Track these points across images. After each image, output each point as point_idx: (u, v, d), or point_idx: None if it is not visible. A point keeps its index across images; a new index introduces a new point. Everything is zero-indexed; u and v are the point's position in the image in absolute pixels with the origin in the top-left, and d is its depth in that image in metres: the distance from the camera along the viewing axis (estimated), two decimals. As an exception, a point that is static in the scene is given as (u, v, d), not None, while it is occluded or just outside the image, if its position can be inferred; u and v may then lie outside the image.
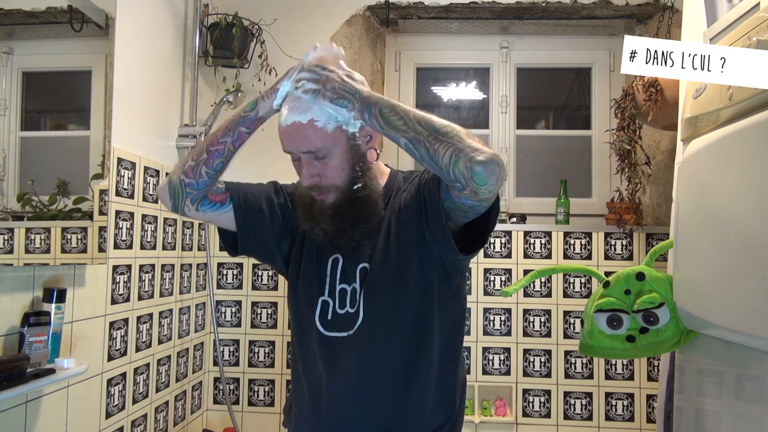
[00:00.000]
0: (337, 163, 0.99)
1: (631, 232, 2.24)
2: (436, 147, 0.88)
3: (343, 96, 0.93)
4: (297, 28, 2.35)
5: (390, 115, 0.91)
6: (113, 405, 1.68)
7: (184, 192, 1.03)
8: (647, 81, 1.82)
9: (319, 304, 1.05)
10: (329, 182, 1.00)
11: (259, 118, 1.03)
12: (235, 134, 1.03)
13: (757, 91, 0.95)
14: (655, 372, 2.22)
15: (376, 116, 0.92)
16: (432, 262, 1.01)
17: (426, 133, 0.89)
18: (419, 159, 0.91)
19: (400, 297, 1.01)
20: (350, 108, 0.93)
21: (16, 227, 1.28)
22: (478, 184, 0.86)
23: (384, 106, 0.92)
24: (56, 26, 1.40)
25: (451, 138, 0.88)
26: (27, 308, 1.30)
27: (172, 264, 2.03)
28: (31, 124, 1.36)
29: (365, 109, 0.93)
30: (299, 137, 0.97)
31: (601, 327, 1.25)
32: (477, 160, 0.85)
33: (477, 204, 0.92)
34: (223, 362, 2.34)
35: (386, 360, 1.01)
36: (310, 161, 0.99)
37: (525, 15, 2.40)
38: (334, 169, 0.99)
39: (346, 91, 0.94)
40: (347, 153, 1.00)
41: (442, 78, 2.66)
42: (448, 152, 0.87)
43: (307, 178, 1.00)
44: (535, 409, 2.26)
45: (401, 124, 0.91)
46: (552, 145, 2.57)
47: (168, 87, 2.03)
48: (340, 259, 1.06)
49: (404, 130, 0.90)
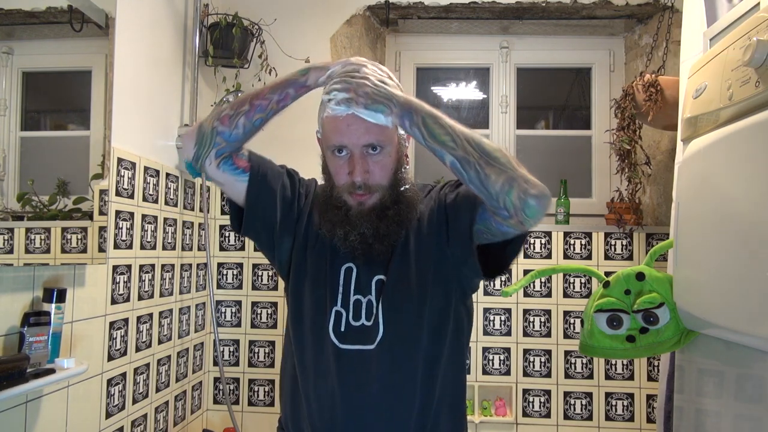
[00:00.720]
0: (388, 162, 0.96)
1: (631, 232, 2.24)
2: (487, 171, 0.86)
3: (379, 101, 0.89)
4: (297, 28, 2.35)
5: (435, 128, 0.88)
6: (113, 405, 1.68)
7: (213, 141, 0.98)
8: (647, 81, 1.83)
9: (333, 314, 1.00)
10: (377, 181, 0.96)
11: (307, 85, 0.98)
12: (283, 94, 0.98)
13: (757, 91, 0.95)
14: (655, 372, 2.22)
15: (419, 126, 0.88)
16: (450, 279, 1.01)
17: (477, 154, 0.87)
18: (467, 180, 0.88)
19: (420, 312, 0.99)
20: (387, 113, 0.89)
21: (16, 227, 1.28)
22: (528, 217, 0.86)
23: (427, 116, 0.88)
24: (56, 26, 1.40)
25: (503, 165, 0.87)
26: (27, 308, 1.30)
27: (172, 264, 2.03)
28: (31, 124, 1.36)
29: (405, 115, 0.89)
30: (361, 128, 0.92)
31: (601, 327, 1.25)
32: (531, 193, 0.86)
33: (513, 231, 0.92)
34: (223, 362, 2.34)
35: (407, 375, 0.99)
36: (364, 156, 0.94)
37: (525, 15, 2.40)
38: (385, 167, 0.96)
39: (381, 95, 0.89)
40: (396, 153, 0.98)
41: (442, 78, 2.66)
42: (501, 179, 0.86)
43: (360, 174, 0.94)
44: (535, 409, 2.26)
45: (449, 140, 0.87)
46: (552, 145, 2.57)
47: (168, 87, 2.03)
48: (353, 268, 1.02)
49: (452, 147, 0.87)
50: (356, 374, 0.98)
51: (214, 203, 2.37)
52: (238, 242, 2.37)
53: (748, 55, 0.94)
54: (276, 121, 1.04)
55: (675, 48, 2.19)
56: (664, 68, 2.22)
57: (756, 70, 0.95)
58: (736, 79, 1.01)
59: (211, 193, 2.34)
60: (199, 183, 2.21)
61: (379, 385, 0.98)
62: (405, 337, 0.99)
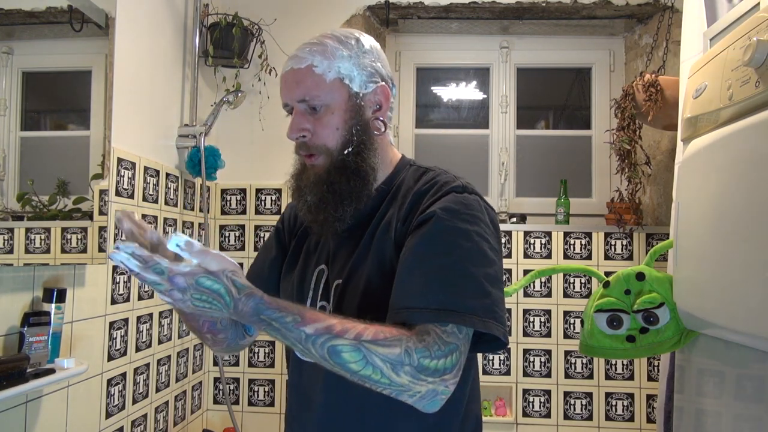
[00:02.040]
0: (331, 120, 0.86)
1: (631, 232, 2.24)
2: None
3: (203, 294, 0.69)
4: (297, 28, 2.35)
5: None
6: (113, 405, 1.68)
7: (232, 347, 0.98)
8: (647, 81, 1.83)
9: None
10: (320, 141, 0.86)
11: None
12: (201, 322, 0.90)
13: (757, 91, 0.95)
14: (655, 372, 2.22)
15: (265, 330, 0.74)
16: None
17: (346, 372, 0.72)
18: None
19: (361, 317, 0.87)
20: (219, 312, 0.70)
21: (16, 227, 1.28)
22: (429, 411, 0.74)
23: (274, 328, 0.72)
24: (56, 26, 1.40)
25: (375, 382, 0.71)
26: (27, 308, 1.30)
27: (172, 264, 2.02)
28: (31, 124, 1.36)
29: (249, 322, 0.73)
30: (293, 83, 0.86)
31: (601, 327, 1.25)
32: (420, 404, 0.73)
33: None
34: (223, 362, 2.34)
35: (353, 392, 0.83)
36: (302, 113, 0.86)
37: (525, 15, 2.40)
38: (328, 126, 0.86)
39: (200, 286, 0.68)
40: (346, 112, 0.87)
41: (442, 78, 2.66)
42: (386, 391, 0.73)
43: (294, 131, 0.86)
44: (535, 409, 2.26)
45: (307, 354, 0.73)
46: (552, 145, 2.57)
47: (168, 87, 2.03)
48: (324, 271, 0.92)
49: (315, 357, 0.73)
50: (309, 374, 0.91)
51: (214, 203, 2.37)
52: (238, 242, 2.37)
53: (748, 55, 0.94)
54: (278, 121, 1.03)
55: (675, 48, 2.19)
56: (664, 68, 2.22)
57: (756, 70, 0.95)
58: (736, 79, 1.01)
59: (211, 193, 2.34)
60: (199, 183, 2.21)
61: (324, 384, 0.88)
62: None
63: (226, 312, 0.70)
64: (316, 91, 0.85)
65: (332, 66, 0.85)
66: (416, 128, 2.60)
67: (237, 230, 2.37)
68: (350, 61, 0.86)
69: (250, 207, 2.37)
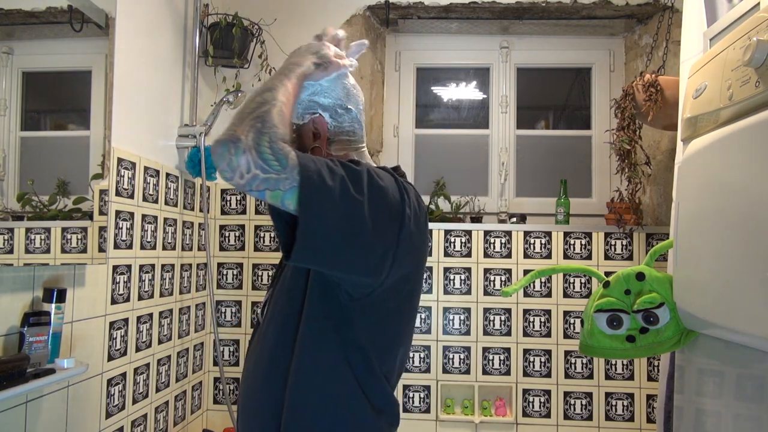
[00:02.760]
0: None
1: (631, 232, 2.24)
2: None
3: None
4: (297, 28, 2.35)
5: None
6: (113, 405, 1.68)
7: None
8: (647, 81, 1.82)
9: (267, 294, 1.08)
10: None
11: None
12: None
13: (757, 91, 0.95)
14: (655, 372, 2.22)
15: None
16: (317, 275, 0.93)
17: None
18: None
19: (284, 303, 0.97)
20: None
21: (16, 227, 1.28)
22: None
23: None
24: (56, 26, 1.40)
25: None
26: (27, 308, 1.30)
27: (172, 264, 2.03)
28: (31, 124, 1.36)
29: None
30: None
31: (601, 327, 1.25)
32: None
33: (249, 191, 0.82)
34: (223, 362, 2.34)
35: (266, 361, 0.97)
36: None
37: (525, 15, 2.40)
38: None
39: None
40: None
41: (442, 78, 2.66)
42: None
43: None
44: (535, 409, 2.26)
45: None
46: (552, 145, 2.57)
47: (168, 87, 2.03)
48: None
49: None
50: (253, 352, 1.03)
51: (214, 203, 2.37)
52: (238, 242, 2.37)
53: (748, 55, 0.94)
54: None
55: (675, 48, 2.19)
56: (664, 68, 2.22)
57: (756, 70, 0.95)
58: (736, 79, 1.01)
59: (211, 193, 2.34)
60: (199, 183, 2.21)
61: (251, 363, 1.01)
62: (269, 325, 0.99)
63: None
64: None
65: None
66: (416, 128, 2.60)
67: (237, 230, 2.37)
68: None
69: (250, 207, 2.37)
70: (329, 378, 0.93)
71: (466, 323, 2.29)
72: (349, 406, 0.94)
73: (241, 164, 0.76)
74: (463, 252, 2.30)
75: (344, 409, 0.94)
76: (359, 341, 0.94)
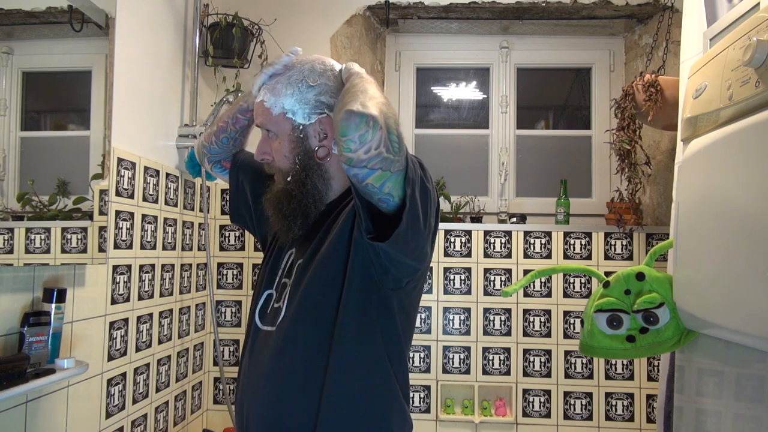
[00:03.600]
0: (281, 147, 1.02)
1: (631, 232, 2.24)
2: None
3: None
4: (297, 28, 2.35)
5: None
6: (113, 405, 1.68)
7: (203, 153, 1.24)
8: (647, 81, 1.82)
9: (264, 296, 1.07)
10: (277, 164, 1.03)
11: (249, 109, 1.14)
12: (234, 118, 1.18)
13: (757, 91, 0.95)
14: (655, 372, 2.22)
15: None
16: (358, 266, 0.93)
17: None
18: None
19: (318, 297, 0.95)
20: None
21: (16, 227, 1.28)
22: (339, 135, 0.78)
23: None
24: (56, 26, 1.40)
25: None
26: (27, 308, 1.30)
27: (172, 264, 2.03)
28: (31, 124, 1.36)
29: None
30: (257, 113, 1.04)
31: (601, 327, 1.25)
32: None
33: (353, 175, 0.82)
34: (223, 362, 2.34)
35: (290, 359, 0.94)
36: (266, 138, 1.04)
37: (525, 15, 2.40)
38: (278, 152, 1.02)
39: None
40: (291, 141, 1.01)
41: (442, 78, 2.66)
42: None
43: (258, 153, 1.05)
44: (535, 409, 2.26)
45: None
46: (552, 145, 2.57)
47: (168, 87, 2.03)
48: (293, 253, 1.06)
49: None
50: (261, 354, 1.00)
51: (214, 203, 2.37)
52: (238, 242, 2.37)
53: (748, 55, 0.94)
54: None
55: (675, 48, 2.19)
56: (664, 68, 2.22)
57: (756, 70, 0.95)
58: (736, 79, 1.01)
59: (211, 193, 2.34)
60: (199, 183, 2.21)
61: (270, 368, 0.97)
62: (297, 321, 0.96)
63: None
64: (265, 121, 1.02)
65: (277, 102, 1.00)
66: (416, 128, 2.60)
67: (237, 230, 2.37)
68: (293, 97, 0.99)
69: (250, 207, 2.37)
70: (371, 371, 0.95)
71: (466, 323, 2.29)
72: (387, 398, 0.97)
73: (373, 140, 0.77)
74: (463, 252, 2.30)
75: (382, 401, 0.96)
76: (398, 332, 0.98)
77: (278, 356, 0.96)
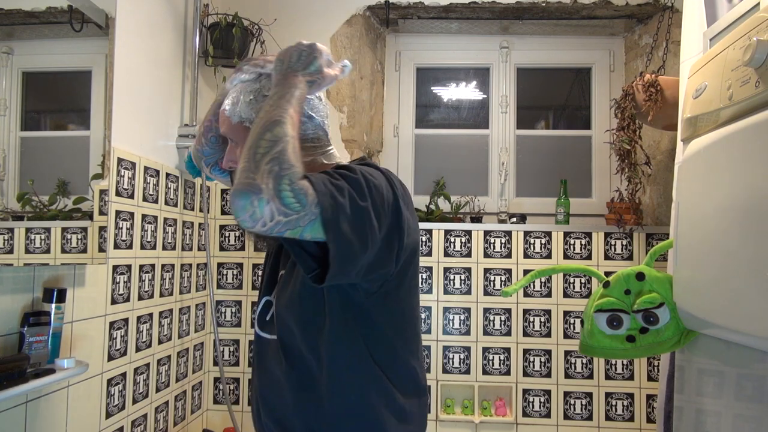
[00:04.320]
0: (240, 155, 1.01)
1: (631, 232, 2.24)
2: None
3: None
4: (297, 28, 2.35)
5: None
6: (113, 405, 1.68)
7: (199, 157, 1.22)
8: (647, 81, 1.82)
9: (263, 303, 1.07)
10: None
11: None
12: (216, 115, 1.14)
13: (757, 91, 0.95)
14: (655, 372, 2.22)
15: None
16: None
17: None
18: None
19: (299, 309, 0.96)
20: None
21: (16, 227, 1.28)
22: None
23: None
24: (56, 26, 1.40)
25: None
26: (27, 308, 1.30)
27: (172, 264, 2.03)
28: (31, 124, 1.36)
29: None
30: (219, 121, 1.05)
31: (601, 327, 1.25)
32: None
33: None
34: (223, 362, 2.34)
35: (286, 368, 0.97)
36: (232, 147, 1.03)
37: (525, 15, 2.40)
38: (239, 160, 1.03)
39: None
40: None
41: (442, 78, 2.66)
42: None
43: (225, 161, 1.05)
44: (535, 409, 2.26)
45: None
46: (552, 145, 2.57)
47: (168, 87, 2.03)
48: (280, 261, 1.07)
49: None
50: (265, 361, 1.02)
51: (214, 203, 2.37)
52: (238, 242, 2.37)
53: (748, 55, 0.94)
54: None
55: (675, 48, 2.19)
56: (664, 68, 2.22)
57: (756, 70, 0.95)
58: (736, 79, 1.01)
59: (211, 193, 2.34)
60: (199, 183, 2.21)
61: (271, 377, 1.00)
62: (288, 332, 0.98)
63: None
64: (225, 129, 1.02)
65: (234, 111, 1.00)
66: (416, 128, 2.60)
67: (237, 230, 2.37)
68: (248, 106, 0.99)
69: (250, 207, 2.37)
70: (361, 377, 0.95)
71: (466, 323, 2.29)
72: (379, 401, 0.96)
73: (264, 214, 0.74)
74: (463, 252, 2.30)
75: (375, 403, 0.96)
76: (383, 333, 0.97)
77: (279, 366, 0.98)
